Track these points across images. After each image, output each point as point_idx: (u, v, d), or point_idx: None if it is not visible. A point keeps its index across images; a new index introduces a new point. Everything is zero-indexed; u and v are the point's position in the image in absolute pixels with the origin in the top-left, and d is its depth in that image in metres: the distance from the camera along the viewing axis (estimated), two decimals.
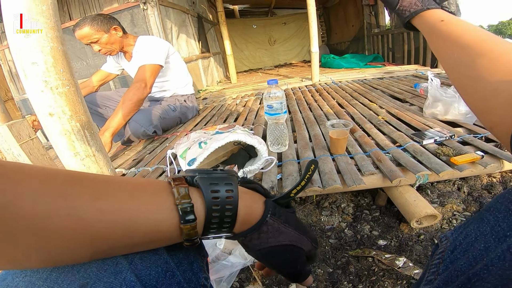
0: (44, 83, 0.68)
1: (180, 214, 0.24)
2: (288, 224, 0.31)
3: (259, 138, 0.77)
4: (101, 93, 1.73)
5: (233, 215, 0.26)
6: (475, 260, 0.23)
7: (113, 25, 1.46)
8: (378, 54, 4.04)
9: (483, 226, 0.24)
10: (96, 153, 0.82)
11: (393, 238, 0.81)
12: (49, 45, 0.65)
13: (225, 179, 0.27)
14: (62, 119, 0.72)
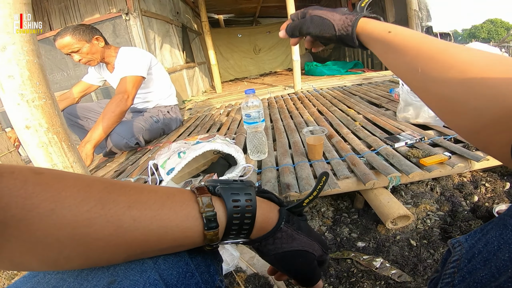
0: (20, 96, 0.68)
1: (204, 221, 0.26)
2: (300, 231, 0.33)
3: (236, 147, 0.79)
4: (82, 105, 1.71)
5: (252, 222, 0.29)
6: (498, 272, 0.20)
7: (95, 35, 1.46)
8: (358, 60, 4.18)
9: (507, 233, 0.21)
10: (74, 165, 0.82)
11: (371, 239, 0.84)
12: (24, 58, 0.66)
13: (245, 189, 0.29)
14: (39, 132, 0.73)
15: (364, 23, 0.41)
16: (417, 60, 0.32)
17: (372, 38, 0.40)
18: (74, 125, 1.71)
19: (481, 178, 1.03)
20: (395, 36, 0.36)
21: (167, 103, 1.82)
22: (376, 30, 0.39)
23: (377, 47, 0.39)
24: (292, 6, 2.44)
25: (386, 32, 0.37)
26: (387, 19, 3.38)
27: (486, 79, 0.25)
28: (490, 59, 0.26)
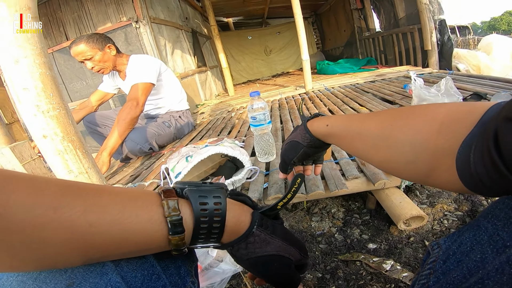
0: (36, 107, 0.72)
1: (169, 226, 0.25)
2: (275, 235, 0.32)
3: (242, 150, 0.80)
4: (100, 113, 1.78)
5: (221, 226, 0.28)
6: (469, 273, 0.21)
7: (108, 44, 1.51)
8: (371, 57, 4.08)
9: (480, 234, 0.22)
10: (89, 170, 0.86)
11: (383, 241, 0.81)
12: (37, 71, 0.69)
13: (214, 191, 0.28)
14: (55, 140, 0.76)
15: (310, 126, 0.49)
16: (351, 142, 0.39)
17: (321, 135, 0.47)
18: (94, 132, 1.78)
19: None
20: (331, 128, 0.44)
21: (179, 108, 1.86)
22: (319, 128, 0.47)
23: (329, 140, 0.47)
24: (298, 6, 2.41)
25: (325, 126, 0.45)
26: (397, 14, 3.26)
27: (400, 140, 0.31)
28: (390, 119, 0.33)
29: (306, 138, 0.49)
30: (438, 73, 2.38)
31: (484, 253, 0.20)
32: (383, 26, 3.75)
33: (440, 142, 0.26)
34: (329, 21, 5.88)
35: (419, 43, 2.90)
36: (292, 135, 0.53)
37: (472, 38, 6.27)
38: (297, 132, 0.52)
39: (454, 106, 0.28)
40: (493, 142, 0.20)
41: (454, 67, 2.77)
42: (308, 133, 0.48)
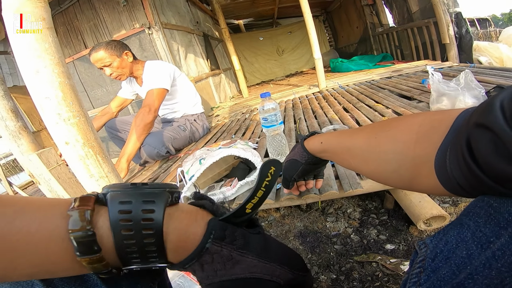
0: (57, 116, 0.76)
1: (74, 245, 0.19)
2: (246, 251, 0.24)
3: (254, 151, 0.80)
4: (120, 118, 1.84)
5: (157, 242, 0.21)
6: (458, 269, 0.21)
7: (125, 50, 1.57)
8: (387, 53, 3.97)
9: (463, 232, 0.22)
10: (109, 174, 0.89)
11: (402, 241, 0.79)
12: (57, 80, 0.73)
13: (143, 195, 0.22)
14: (77, 147, 0.80)
15: (306, 144, 0.52)
16: (343, 157, 0.41)
17: (317, 152, 0.50)
18: (115, 138, 1.85)
19: None
20: (325, 145, 0.46)
21: (194, 111, 1.90)
22: (314, 146, 0.50)
23: (324, 156, 0.49)
24: (307, 5, 2.39)
25: (319, 143, 0.48)
26: (410, 9, 3.17)
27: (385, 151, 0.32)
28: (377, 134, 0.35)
29: (303, 156, 0.52)
30: (459, 66, 2.28)
31: (469, 249, 0.21)
32: (397, 21, 3.65)
33: (417, 150, 0.28)
34: (340, 18, 5.79)
35: (436, 37, 2.80)
36: (291, 153, 0.57)
37: (493, 30, 5.97)
38: (295, 151, 0.55)
39: (428, 116, 0.30)
40: (466, 148, 0.21)
41: (476, 60, 2.66)
42: (305, 151, 0.52)
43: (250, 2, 4.78)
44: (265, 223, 0.96)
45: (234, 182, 0.80)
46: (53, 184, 1.10)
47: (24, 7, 0.66)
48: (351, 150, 0.39)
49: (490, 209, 0.21)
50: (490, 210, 0.21)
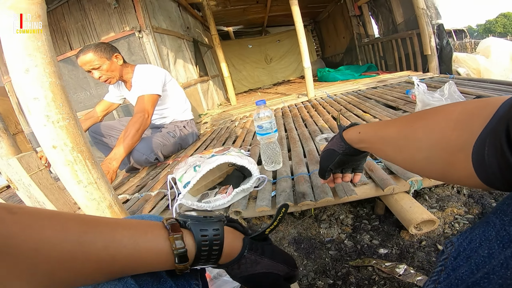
0: (46, 118, 0.71)
1: (175, 258, 0.30)
2: (264, 256, 0.37)
3: (250, 158, 0.80)
4: (105, 123, 1.78)
5: (219, 253, 0.33)
6: (477, 268, 0.21)
7: (115, 53, 1.53)
8: (371, 63, 4.11)
9: (489, 230, 0.22)
10: (98, 181, 0.84)
11: (394, 246, 0.81)
12: (47, 80, 0.69)
13: (213, 224, 0.34)
14: (65, 151, 0.76)
15: (345, 134, 0.52)
16: (379, 146, 0.42)
17: (354, 142, 0.50)
18: (99, 143, 1.79)
19: None
20: (362, 135, 0.47)
21: (183, 118, 1.87)
22: (352, 136, 0.50)
23: (362, 147, 0.49)
24: (298, 14, 2.45)
25: (357, 134, 0.48)
26: (395, 20, 3.30)
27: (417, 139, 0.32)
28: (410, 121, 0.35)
29: (341, 146, 0.52)
30: (439, 77, 2.39)
31: (491, 248, 0.21)
32: (382, 32, 3.78)
33: (453, 137, 0.27)
34: (328, 28, 5.95)
35: (418, 48, 2.93)
36: (330, 143, 0.57)
37: (469, 42, 6.27)
38: (334, 141, 0.55)
39: (469, 103, 0.28)
40: (505, 136, 0.20)
41: (455, 71, 2.78)
42: (343, 141, 0.51)
43: (241, 10, 4.84)
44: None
45: (229, 189, 0.79)
46: (33, 190, 1.04)
47: (19, 3, 0.63)
48: (385, 139, 0.39)
49: None
50: None
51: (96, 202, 0.82)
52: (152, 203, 1.03)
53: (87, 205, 0.82)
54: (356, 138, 0.48)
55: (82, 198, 0.82)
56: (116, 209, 0.86)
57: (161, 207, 0.98)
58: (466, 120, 0.26)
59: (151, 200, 1.06)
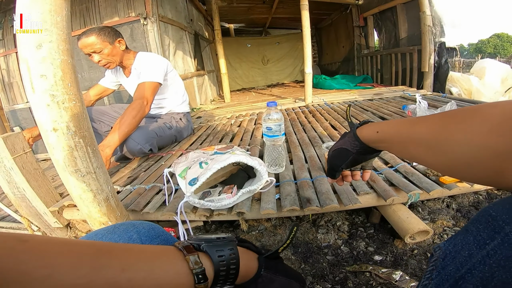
0: (51, 97, 0.67)
1: (195, 278, 0.30)
2: (278, 273, 0.38)
3: (259, 160, 0.80)
4: (97, 108, 1.72)
5: (236, 272, 0.33)
6: (461, 265, 0.27)
7: (118, 38, 1.49)
8: (367, 75, 4.20)
9: (468, 236, 0.28)
10: (97, 170, 0.80)
11: (388, 253, 0.84)
12: (60, 57, 0.65)
13: (227, 245, 0.34)
14: (66, 135, 0.71)
15: (359, 133, 0.49)
16: (403, 147, 0.39)
17: (372, 142, 0.47)
18: None
19: (496, 196, 1.03)
20: (382, 134, 0.44)
21: (180, 110, 1.84)
22: (369, 135, 0.47)
23: (380, 146, 0.46)
24: (307, 20, 2.46)
25: (375, 133, 0.45)
26: (399, 35, 3.36)
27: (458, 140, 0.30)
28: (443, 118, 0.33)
29: (355, 145, 0.49)
30: (432, 95, 2.48)
31: (470, 250, 0.27)
32: (383, 45, 3.85)
33: (500, 145, 0.25)
34: (329, 36, 6.00)
35: (416, 64, 2.99)
36: (340, 142, 0.53)
37: (458, 60, 6.43)
38: (346, 139, 0.52)
39: (507, 105, 0.27)
40: None
41: (448, 90, 2.85)
42: (357, 140, 0.48)
43: (245, 8, 4.82)
44: (255, 232, 0.96)
45: (234, 190, 0.79)
46: (14, 175, 0.97)
47: None
48: (414, 140, 0.36)
49: (489, 217, 0.26)
50: (489, 218, 0.26)
51: (93, 194, 0.78)
52: (147, 197, 1.00)
53: (82, 197, 0.78)
54: (374, 137, 0.45)
55: (77, 189, 0.77)
56: (112, 203, 0.82)
57: (157, 202, 0.95)
58: (509, 125, 0.25)
59: (145, 194, 1.03)
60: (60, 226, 1.08)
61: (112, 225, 0.42)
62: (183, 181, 0.89)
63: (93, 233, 0.41)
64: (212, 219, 0.85)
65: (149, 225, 0.43)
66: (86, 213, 0.80)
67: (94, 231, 0.41)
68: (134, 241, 0.40)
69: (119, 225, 0.42)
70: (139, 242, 0.40)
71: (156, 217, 0.91)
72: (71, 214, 1.03)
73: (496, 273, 0.23)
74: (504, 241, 0.24)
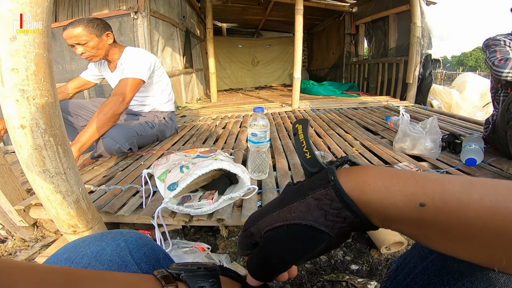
0: (20, 92, 0.63)
1: None
2: None
3: (242, 167, 0.78)
4: (74, 101, 1.64)
5: None
6: (407, 275, 0.34)
7: (107, 31, 1.44)
8: (354, 83, 4.29)
9: (414, 251, 0.35)
10: (68, 171, 0.75)
11: (365, 263, 0.85)
12: (34, 51, 0.62)
13: (209, 276, 0.31)
14: (35, 133, 0.67)
15: (350, 190, 0.23)
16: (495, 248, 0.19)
17: (399, 220, 0.22)
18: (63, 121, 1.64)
19: None
20: (438, 212, 0.20)
21: (165, 109, 1.78)
22: (395, 209, 0.21)
23: (405, 229, 0.23)
24: (301, 24, 2.46)
25: (415, 205, 0.20)
26: (388, 44, 3.43)
27: None
28: None
29: (340, 220, 0.23)
30: (413, 107, 2.56)
31: (415, 262, 0.33)
32: (371, 54, 3.92)
33: None
34: (320, 41, 6.05)
35: (402, 75, 3.06)
36: (292, 207, 0.25)
37: (440, 72, 6.73)
38: (311, 204, 0.24)
39: None
40: None
41: (429, 102, 2.93)
42: (350, 207, 0.23)
43: (240, 9, 4.79)
44: (235, 238, 0.94)
45: (215, 196, 0.76)
46: None
47: None
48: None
49: None
50: None
51: (62, 195, 0.74)
52: (122, 199, 0.95)
53: (49, 198, 0.73)
54: (414, 215, 0.20)
55: (44, 190, 0.72)
56: (83, 205, 0.78)
57: (133, 205, 0.91)
58: None
59: (121, 196, 0.98)
60: (25, 225, 1.02)
61: (100, 233, 0.40)
62: (162, 184, 0.85)
63: (80, 240, 0.38)
64: (191, 224, 0.83)
65: (137, 234, 0.42)
66: (54, 215, 0.75)
67: (81, 238, 0.39)
68: (122, 249, 0.38)
69: (107, 233, 0.40)
70: (126, 250, 0.38)
71: (131, 220, 0.87)
72: (38, 213, 0.97)
73: (432, 280, 0.29)
74: (440, 255, 0.30)
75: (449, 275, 0.28)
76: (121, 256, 0.37)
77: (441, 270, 0.29)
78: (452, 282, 0.28)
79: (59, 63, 2.63)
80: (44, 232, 1.08)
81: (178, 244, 1.03)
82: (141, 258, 0.39)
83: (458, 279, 0.27)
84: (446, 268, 0.29)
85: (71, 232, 0.78)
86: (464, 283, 0.27)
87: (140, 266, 0.38)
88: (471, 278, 0.26)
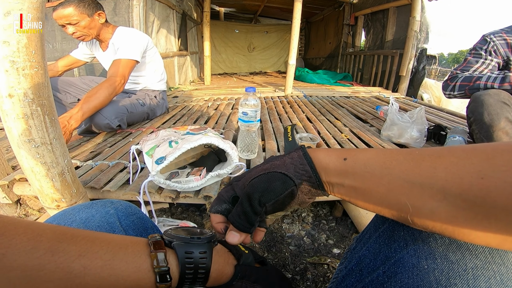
0: (10, 63, 0.63)
1: (157, 276, 0.28)
2: (256, 283, 0.35)
3: (231, 143, 0.78)
4: (63, 78, 1.62)
5: (205, 276, 0.31)
6: (364, 245, 0.36)
7: (99, 11, 1.41)
8: (348, 73, 4.29)
9: (370, 223, 0.37)
10: (53, 141, 0.75)
11: (346, 247, 0.87)
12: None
13: (200, 246, 0.31)
14: (23, 102, 0.67)
15: (313, 155, 0.32)
16: (396, 189, 0.25)
17: (333, 172, 0.30)
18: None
19: None
20: (351, 163, 0.29)
21: (156, 87, 1.78)
22: (330, 161, 0.30)
23: (340, 184, 0.30)
24: (299, 12, 2.43)
25: (340, 159, 0.30)
26: (385, 37, 3.43)
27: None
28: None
29: (303, 172, 0.31)
30: (404, 99, 2.59)
31: (370, 233, 0.35)
32: (368, 46, 3.92)
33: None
34: (318, 30, 5.99)
35: (395, 68, 3.08)
36: (274, 163, 0.34)
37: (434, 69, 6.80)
38: (285, 160, 0.33)
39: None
40: None
41: (420, 95, 2.99)
42: (309, 164, 0.31)
43: None
44: None
45: (203, 172, 0.77)
46: None
47: None
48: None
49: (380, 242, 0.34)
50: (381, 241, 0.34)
51: (46, 167, 0.73)
52: (109, 174, 0.94)
53: (34, 170, 0.73)
54: (340, 166, 0.30)
55: (29, 160, 0.72)
56: (68, 178, 0.78)
57: (120, 180, 0.90)
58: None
59: (107, 171, 0.97)
60: (9, 202, 1.01)
61: (90, 202, 0.41)
62: (150, 159, 0.85)
63: (70, 208, 0.39)
64: (178, 201, 0.83)
65: (126, 203, 0.43)
66: (38, 188, 0.75)
67: (72, 206, 0.40)
68: (111, 216, 0.39)
69: (97, 201, 0.41)
70: (115, 217, 0.39)
71: (117, 196, 0.87)
72: (22, 189, 0.95)
73: (382, 249, 0.32)
74: (389, 225, 0.32)
75: (396, 243, 0.30)
76: (110, 223, 0.38)
77: (389, 239, 0.31)
78: (398, 250, 0.30)
79: (50, 42, 2.58)
80: (27, 210, 1.07)
81: (164, 222, 1.04)
82: (129, 225, 0.40)
83: (403, 247, 0.30)
84: (393, 237, 0.31)
85: (55, 206, 0.78)
86: (408, 251, 0.29)
87: (128, 233, 0.39)
88: (414, 246, 0.29)
